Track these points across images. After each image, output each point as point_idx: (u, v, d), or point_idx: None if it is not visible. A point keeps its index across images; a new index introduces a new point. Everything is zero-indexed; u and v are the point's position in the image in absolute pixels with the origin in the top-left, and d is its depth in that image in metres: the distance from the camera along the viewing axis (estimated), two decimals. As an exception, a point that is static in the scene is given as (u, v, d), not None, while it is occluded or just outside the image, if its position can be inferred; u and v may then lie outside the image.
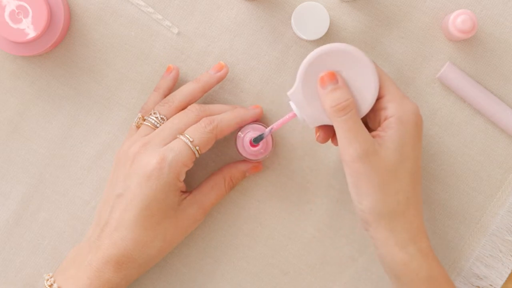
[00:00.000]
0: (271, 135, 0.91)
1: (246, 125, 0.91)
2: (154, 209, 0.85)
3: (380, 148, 0.81)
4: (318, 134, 0.87)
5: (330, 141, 0.88)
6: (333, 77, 0.82)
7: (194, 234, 0.94)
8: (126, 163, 0.87)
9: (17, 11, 0.89)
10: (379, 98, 0.83)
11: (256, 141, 0.88)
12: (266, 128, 0.90)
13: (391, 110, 0.82)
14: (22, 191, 0.95)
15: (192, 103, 0.91)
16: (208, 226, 0.95)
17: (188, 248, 0.94)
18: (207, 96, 0.94)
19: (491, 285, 0.93)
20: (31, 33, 0.89)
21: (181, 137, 0.86)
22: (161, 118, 0.89)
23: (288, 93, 0.84)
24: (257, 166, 0.93)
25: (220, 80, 0.92)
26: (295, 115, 0.85)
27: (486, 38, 0.93)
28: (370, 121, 0.86)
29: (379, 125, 0.84)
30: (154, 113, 0.89)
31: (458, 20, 0.89)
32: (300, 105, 0.84)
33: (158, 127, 0.89)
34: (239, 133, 0.91)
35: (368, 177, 0.81)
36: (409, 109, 0.82)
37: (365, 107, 0.83)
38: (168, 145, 0.86)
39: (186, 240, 0.94)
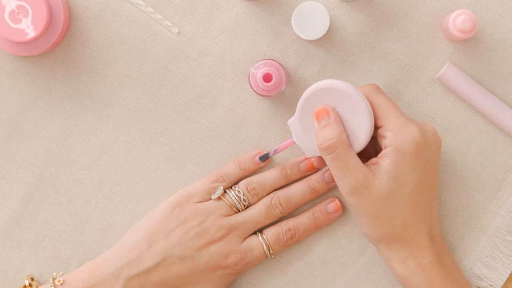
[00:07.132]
0: (285, 70, 0.90)
1: (258, 61, 0.91)
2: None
3: (373, 177, 0.83)
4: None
5: None
6: (325, 113, 0.84)
7: (194, 234, 0.94)
8: (200, 234, 0.89)
9: (17, 11, 0.89)
10: (379, 127, 0.85)
11: (262, 159, 0.89)
12: (278, 63, 0.90)
13: (389, 139, 0.84)
14: (22, 191, 0.95)
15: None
16: (208, 226, 0.95)
17: (188, 248, 0.94)
18: (208, 95, 0.94)
19: (491, 285, 0.93)
20: (31, 33, 0.89)
21: (263, 244, 0.90)
22: (243, 199, 0.91)
23: (288, 121, 0.86)
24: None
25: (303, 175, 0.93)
26: (294, 141, 0.87)
27: (486, 38, 0.93)
28: (377, 145, 0.88)
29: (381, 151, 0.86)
30: (238, 192, 0.91)
31: (458, 20, 0.89)
32: (298, 135, 0.86)
33: (237, 205, 0.90)
34: (252, 69, 0.90)
35: (361, 209, 0.84)
36: (407, 138, 0.83)
37: (359, 144, 0.84)
38: (249, 245, 0.90)
39: (186, 240, 0.94)
